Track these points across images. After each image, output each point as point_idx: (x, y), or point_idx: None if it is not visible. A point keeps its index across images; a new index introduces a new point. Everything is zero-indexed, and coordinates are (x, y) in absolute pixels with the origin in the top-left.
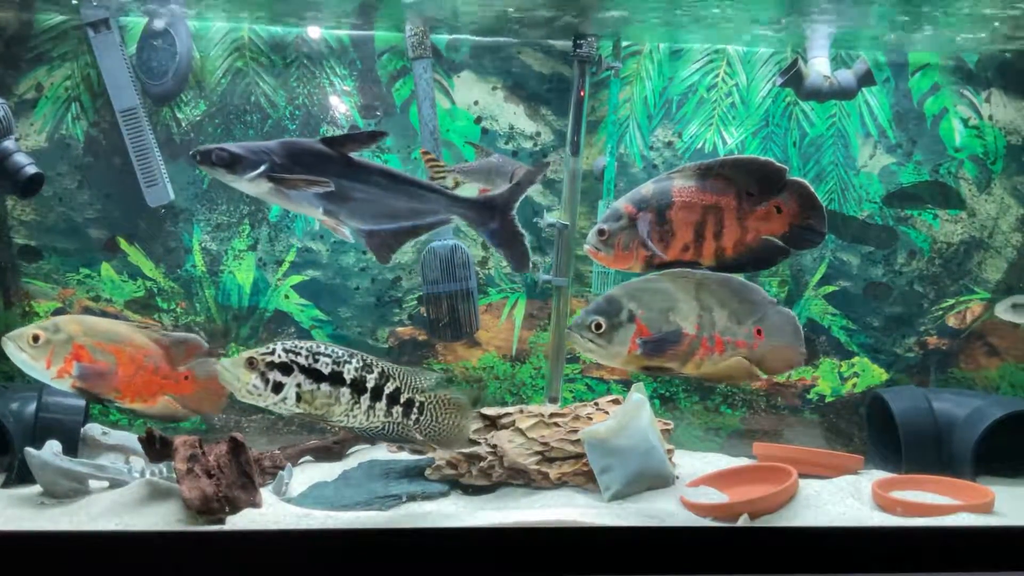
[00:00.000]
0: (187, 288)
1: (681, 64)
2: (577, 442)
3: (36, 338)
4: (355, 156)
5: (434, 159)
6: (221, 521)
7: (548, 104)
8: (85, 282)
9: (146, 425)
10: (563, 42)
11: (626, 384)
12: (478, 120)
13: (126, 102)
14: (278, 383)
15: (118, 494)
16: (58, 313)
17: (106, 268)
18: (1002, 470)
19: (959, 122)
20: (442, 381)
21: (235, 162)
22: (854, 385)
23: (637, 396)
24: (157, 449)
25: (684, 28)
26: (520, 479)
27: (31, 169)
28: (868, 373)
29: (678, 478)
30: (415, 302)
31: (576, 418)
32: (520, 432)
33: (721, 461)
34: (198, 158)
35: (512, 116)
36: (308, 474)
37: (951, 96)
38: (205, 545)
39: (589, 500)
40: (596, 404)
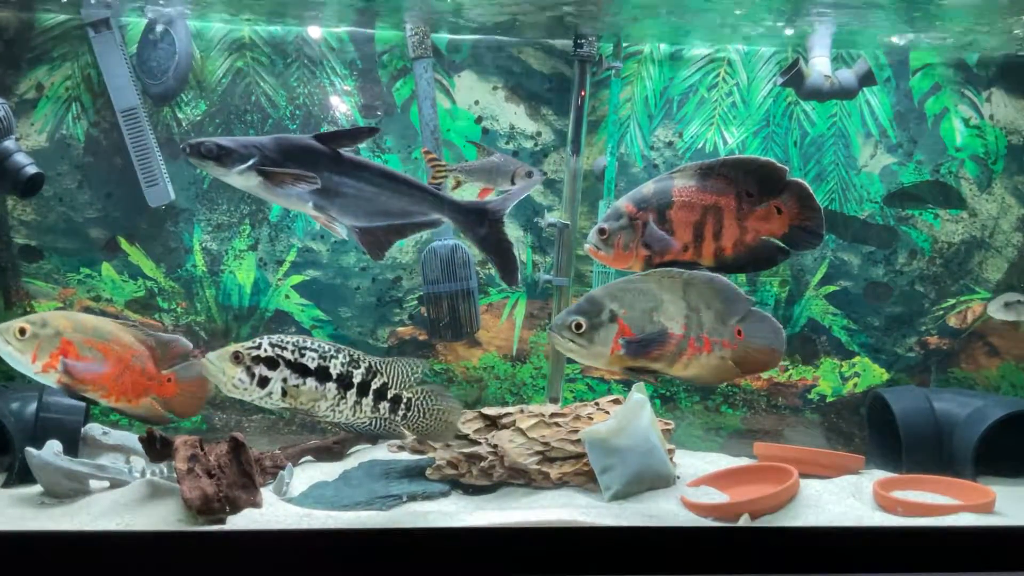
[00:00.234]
0: (188, 288)
1: (682, 64)
2: (578, 442)
3: (23, 331)
4: (348, 154)
5: (436, 158)
6: (222, 521)
7: (549, 104)
8: (85, 282)
9: (146, 425)
10: (564, 42)
11: (627, 384)
12: (479, 120)
13: (126, 102)
14: (264, 377)
15: (119, 494)
16: None
17: (107, 268)
18: (1003, 470)
19: (960, 122)
20: (428, 370)
21: (224, 155)
22: (855, 385)
23: (638, 396)
24: (158, 449)
25: (685, 28)
26: (521, 479)
27: (31, 169)
28: (869, 373)
29: (679, 478)
30: (415, 302)
31: (577, 418)
32: (521, 432)
33: (722, 461)
34: (188, 150)
35: (513, 116)
36: (309, 474)
37: (952, 96)
38: (206, 545)
39: (590, 500)
40: (597, 404)
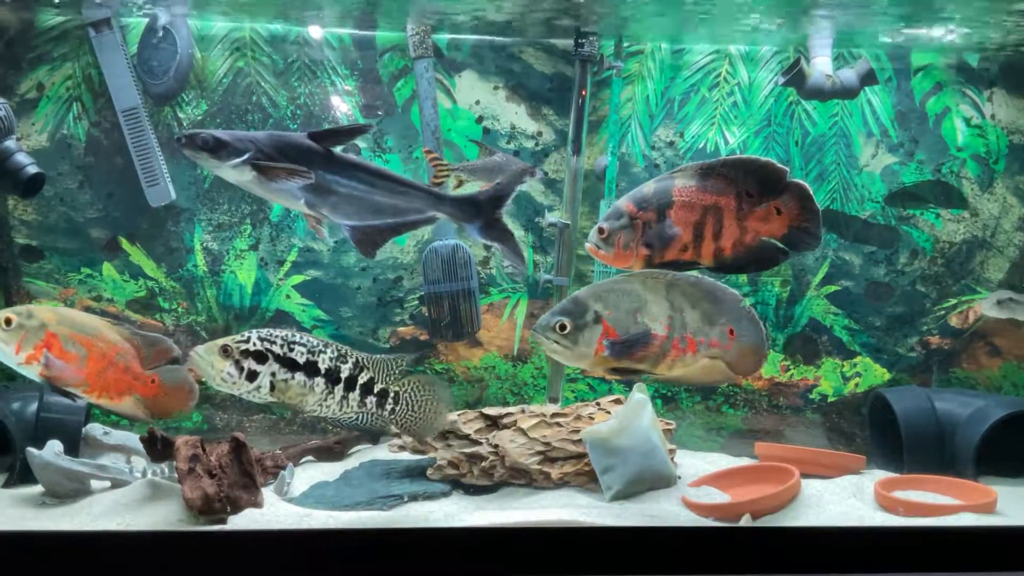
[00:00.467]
0: (188, 288)
1: (683, 63)
2: (579, 442)
3: (8, 322)
4: (344, 153)
5: (437, 157)
6: (223, 521)
7: (550, 104)
8: (86, 282)
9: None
10: (565, 41)
11: (628, 384)
12: (480, 120)
13: (127, 102)
14: (252, 371)
15: (120, 494)
16: None
17: (107, 268)
18: (1004, 470)
19: (961, 121)
20: (412, 364)
21: (219, 147)
22: (856, 385)
23: (639, 396)
24: (159, 449)
25: (686, 27)
26: (522, 479)
27: (32, 169)
28: (870, 373)
29: (680, 478)
30: (416, 302)
31: (578, 418)
32: (522, 432)
33: (723, 461)
34: (183, 141)
35: (514, 116)
36: (309, 474)
37: (953, 95)
38: (206, 545)
39: (591, 500)
40: (598, 404)
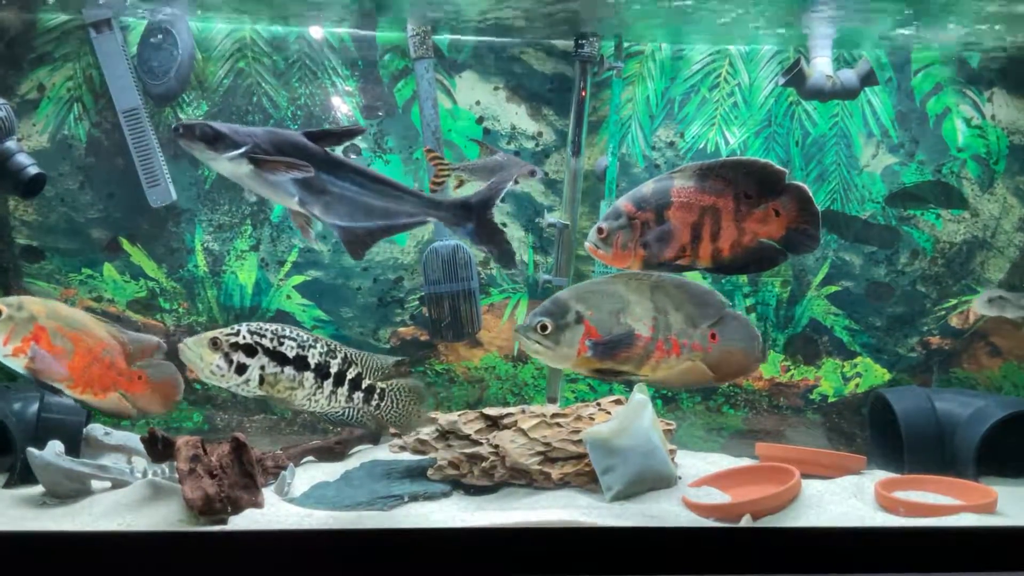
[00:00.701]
0: (189, 288)
1: (683, 64)
2: (579, 442)
3: None
4: (339, 155)
5: (438, 157)
6: (223, 521)
7: (550, 104)
8: (87, 282)
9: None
10: (565, 42)
11: (629, 384)
12: (480, 120)
13: (128, 102)
14: (242, 364)
15: (120, 494)
16: None
17: (108, 268)
18: (1005, 470)
19: (962, 122)
20: (400, 364)
21: (217, 139)
22: (856, 385)
23: (639, 396)
24: (159, 449)
25: (686, 28)
26: (522, 479)
27: (33, 170)
28: (871, 373)
29: (680, 478)
30: (417, 302)
31: (578, 418)
32: (522, 432)
33: (723, 461)
34: (180, 131)
35: (514, 116)
36: (310, 474)
37: (954, 96)
38: (207, 545)
39: (591, 500)
40: (598, 404)
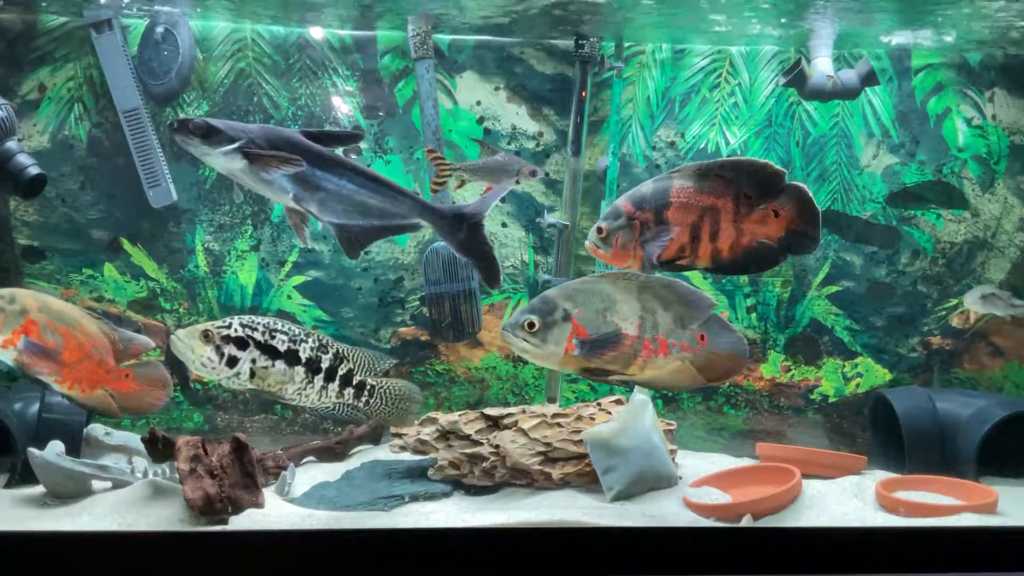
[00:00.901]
0: (190, 289)
1: (684, 64)
2: (580, 442)
3: None
4: (332, 152)
5: (440, 156)
6: (224, 521)
7: (551, 104)
8: (88, 283)
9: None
10: (566, 42)
11: (629, 384)
12: (481, 120)
13: (129, 103)
14: (233, 357)
15: (121, 494)
16: None
17: (109, 269)
18: (1005, 470)
19: (962, 122)
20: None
21: (212, 133)
22: (857, 385)
23: (640, 397)
24: (160, 449)
25: (686, 28)
26: (523, 479)
27: (34, 170)
28: (871, 373)
29: (681, 478)
30: (417, 302)
31: (579, 418)
32: (523, 432)
33: (724, 461)
34: (175, 126)
35: (515, 116)
36: (311, 474)
37: (954, 96)
38: (208, 545)
39: (592, 500)
40: (599, 404)
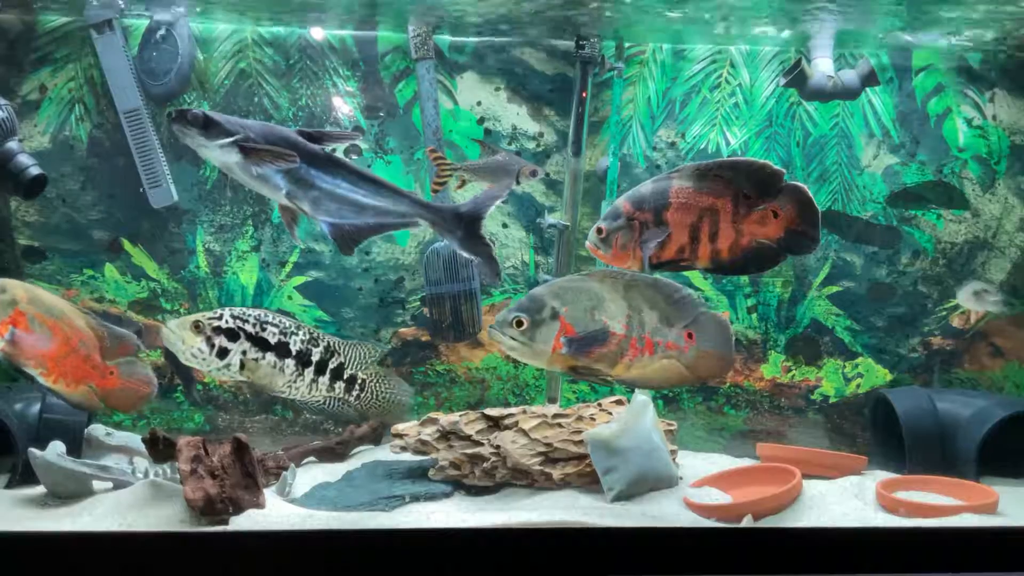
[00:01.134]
0: (190, 289)
1: (684, 64)
2: (580, 443)
3: None
4: (331, 153)
5: (441, 156)
6: (225, 522)
7: (551, 105)
8: (89, 283)
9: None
10: (566, 42)
11: (628, 384)
12: (481, 120)
13: (129, 103)
14: (223, 349)
15: (122, 495)
16: None
17: (110, 269)
18: (1006, 470)
19: (963, 122)
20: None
21: (210, 125)
22: (858, 386)
23: (641, 397)
24: (161, 450)
25: (687, 28)
26: (523, 480)
27: (35, 170)
28: (872, 373)
29: (681, 479)
30: (418, 303)
31: (579, 419)
32: (523, 433)
33: (725, 462)
34: (173, 116)
35: (515, 117)
36: (311, 475)
37: (955, 96)
38: (208, 546)
39: (592, 501)
40: (599, 405)
